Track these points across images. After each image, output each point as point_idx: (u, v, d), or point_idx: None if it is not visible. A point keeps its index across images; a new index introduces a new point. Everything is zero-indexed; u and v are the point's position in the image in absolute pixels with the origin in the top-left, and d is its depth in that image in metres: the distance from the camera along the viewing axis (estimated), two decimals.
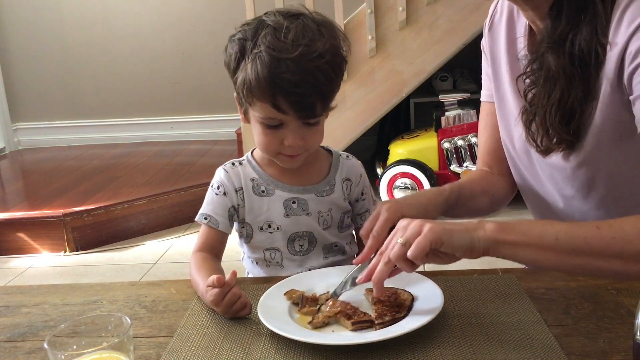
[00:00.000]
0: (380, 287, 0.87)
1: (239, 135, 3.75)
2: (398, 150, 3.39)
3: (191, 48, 4.51)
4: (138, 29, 4.54)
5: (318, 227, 1.13)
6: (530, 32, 1.10)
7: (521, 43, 1.11)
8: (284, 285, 0.98)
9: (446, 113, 3.30)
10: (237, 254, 1.21)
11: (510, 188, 1.26)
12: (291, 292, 0.95)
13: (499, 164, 1.25)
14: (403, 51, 3.25)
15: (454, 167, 3.26)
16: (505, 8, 1.16)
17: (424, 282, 0.94)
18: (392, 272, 0.89)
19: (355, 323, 0.85)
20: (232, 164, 1.15)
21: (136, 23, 4.54)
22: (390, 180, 3.31)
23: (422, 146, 3.34)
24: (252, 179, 1.13)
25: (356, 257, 0.98)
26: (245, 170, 1.14)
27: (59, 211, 3.11)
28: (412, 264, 0.86)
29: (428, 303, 0.88)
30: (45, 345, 0.70)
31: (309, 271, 1.07)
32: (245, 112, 1.09)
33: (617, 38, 0.93)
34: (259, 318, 0.87)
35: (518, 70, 1.10)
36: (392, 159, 3.36)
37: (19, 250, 3.11)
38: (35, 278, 2.83)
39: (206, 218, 1.12)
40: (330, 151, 1.19)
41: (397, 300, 0.90)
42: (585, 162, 1.03)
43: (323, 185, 1.14)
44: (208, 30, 4.38)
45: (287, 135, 1.04)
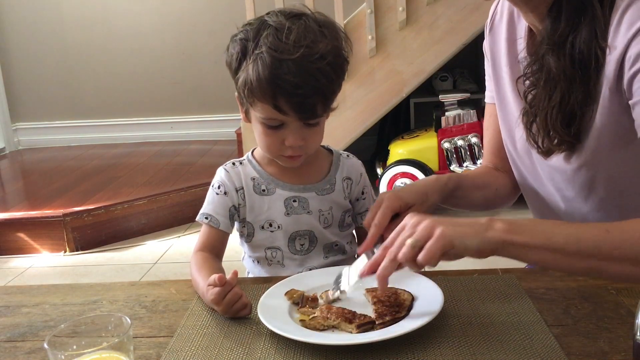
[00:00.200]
0: (384, 283, 0.85)
1: (239, 135, 3.75)
2: (398, 150, 3.39)
3: (191, 48, 4.51)
4: (138, 29, 4.54)
5: (319, 226, 1.13)
6: (530, 34, 1.10)
7: (521, 44, 1.11)
8: (284, 285, 0.98)
9: (446, 113, 3.30)
10: (238, 254, 1.21)
11: (513, 187, 1.26)
12: (291, 292, 0.95)
13: (503, 163, 1.26)
14: (403, 51, 3.25)
15: (454, 167, 3.26)
16: (505, 9, 1.16)
17: (424, 282, 0.94)
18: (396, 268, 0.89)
19: (360, 326, 0.85)
20: (233, 164, 1.16)
21: (136, 23, 4.54)
22: (390, 180, 3.30)
23: (422, 146, 3.34)
24: (253, 178, 1.13)
25: (359, 247, 0.98)
26: (245, 169, 1.14)
27: (59, 211, 3.11)
28: (420, 265, 0.85)
29: (428, 303, 0.88)
30: (45, 345, 0.70)
31: (310, 271, 1.07)
32: (246, 112, 1.09)
33: (617, 41, 0.93)
34: (259, 318, 0.87)
35: (518, 71, 1.10)
36: (392, 159, 3.36)
37: (19, 250, 3.11)
38: (35, 278, 2.83)
39: (207, 218, 1.12)
40: (330, 150, 1.19)
41: (397, 300, 0.90)
42: (585, 164, 1.03)
43: (324, 183, 1.14)
44: (208, 30, 4.38)
45: (288, 135, 1.04)
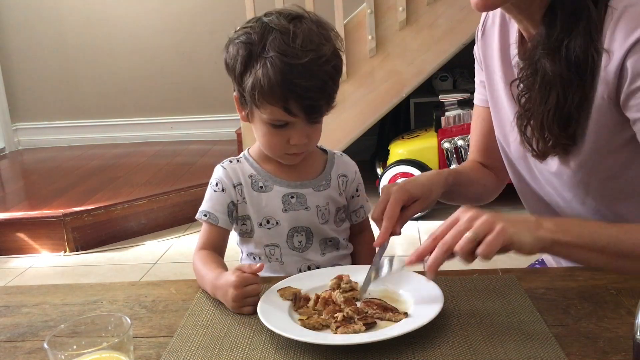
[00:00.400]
0: (434, 273, 0.86)
1: (239, 135, 3.76)
2: (398, 150, 3.39)
3: (191, 48, 4.51)
4: (138, 29, 4.54)
5: (316, 222, 1.14)
6: (521, 39, 1.10)
7: (514, 49, 1.11)
8: (284, 285, 0.98)
9: (446, 113, 3.30)
10: (238, 254, 1.21)
11: (498, 184, 1.32)
12: (284, 290, 0.95)
13: (489, 161, 1.30)
14: (403, 51, 3.25)
15: (454, 167, 3.26)
16: (497, 15, 1.16)
17: (424, 282, 0.94)
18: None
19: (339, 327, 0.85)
20: (230, 161, 1.17)
21: (136, 23, 4.54)
22: (390, 180, 3.30)
23: (422, 146, 3.34)
24: (251, 175, 1.14)
25: (375, 240, 1.01)
26: (243, 166, 1.15)
27: (59, 211, 3.12)
28: (474, 258, 0.86)
29: (428, 303, 0.88)
30: (45, 345, 0.70)
31: (310, 271, 1.08)
32: (248, 113, 1.10)
33: (614, 46, 0.93)
34: (259, 318, 0.87)
35: (512, 75, 1.11)
36: (392, 159, 3.36)
37: (19, 250, 3.11)
38: (35, 278, 2.83)
39: (206, 215, 1.12)
40: (324, 150, 1.21)
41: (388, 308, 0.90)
42: (580, 167, 1.03)
43: (320, 180, 1.16)
44: (208, 30, 4.38)
45: (293, 135, 1.07)
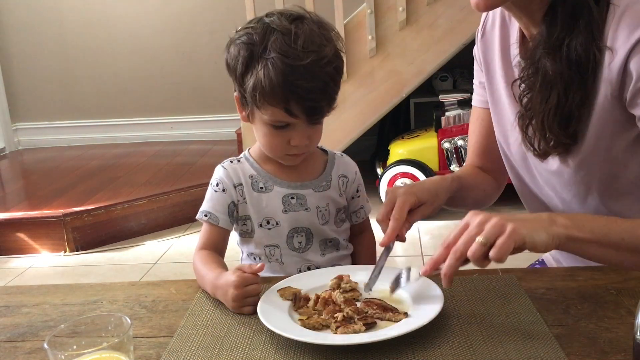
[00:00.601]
0: (450, 281, 0.85)
1: (239, 135, 3.76)
2: (398, 150, 3.39)
3: (191, 48, 4.51)
4: (138, 29, 4.54)
5: (317, 222, 1.14)
6: (522, 39, 1.10)
7: (515, 49, 1.11)
8: (284, 285, 0.98)
9: (446, 113, 3.30)
10: (238, 254, 1.21)
11: (496, 188, 1.31)
12: (284, 290, 0.95)
13: (487, 165, 1.29)
14: (403, 51, 3.25)
15: (454, 167, 3.26)
16: (497, 15, 1.16)
17: (424, 282, 0.94)
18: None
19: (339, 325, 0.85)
20: (231, 162, 1.17)
21: (136, 23, 4.54)
22: (390, 180, 3.31)
23: (422, 146, 3.34)
24: (251, 176, 1.14)
25: (382, 240, 1.02)
26: (243, 167, 1.15)
27: (59, 211, 3.12)
28: (488, 262, 0.85)
29: (428, 303, 0.88)
30: (45, 345, 0.70)
31: (310, 271, 1.08)
32: (249, 114, 1.09)
33: (617, 44, 0.93)
34: (259, 318, 0.87)
35: (513, 76, 1.10)
36: (392, 159, 3.36)
37: (19, 250, 3.11)
38: (35, 278, 2.83)
39: (206, 215, 1.12)
40: (324, 150, 1.21)
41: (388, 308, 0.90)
42: (581, 167, 1.03)
43: (320, 180, 1.16)
44: (208, 30, 4.38)
45: (294, 135, 1.06)
